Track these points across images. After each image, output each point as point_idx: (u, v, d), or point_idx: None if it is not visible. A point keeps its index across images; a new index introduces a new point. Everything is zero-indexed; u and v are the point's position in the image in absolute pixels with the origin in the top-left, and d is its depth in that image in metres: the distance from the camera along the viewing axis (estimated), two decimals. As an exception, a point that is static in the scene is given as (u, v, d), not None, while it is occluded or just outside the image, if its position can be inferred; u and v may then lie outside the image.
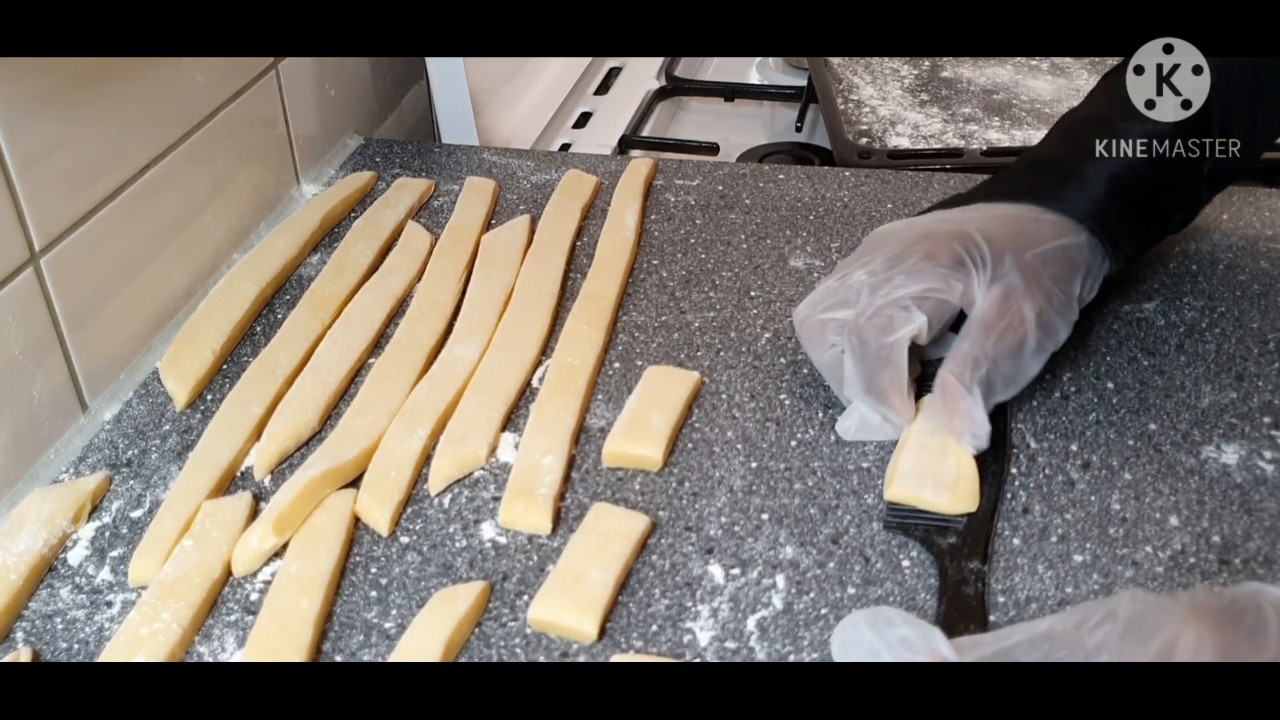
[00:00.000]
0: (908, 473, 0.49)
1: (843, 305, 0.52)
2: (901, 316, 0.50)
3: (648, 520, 0.49)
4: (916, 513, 0.48)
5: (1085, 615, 0.37)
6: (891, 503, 0.49)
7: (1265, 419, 0.54)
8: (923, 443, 0.50)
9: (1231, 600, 0.36)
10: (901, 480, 0.49)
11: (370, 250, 0.67)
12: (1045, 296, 0.51)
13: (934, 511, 0.48)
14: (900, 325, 0.50)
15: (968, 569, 0.46)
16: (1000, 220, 0.54)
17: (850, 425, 0.53)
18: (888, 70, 0.94)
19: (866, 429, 0.52)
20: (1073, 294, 0.53)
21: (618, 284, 0.64)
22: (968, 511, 0.48)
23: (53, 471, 0.53)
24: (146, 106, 0.60)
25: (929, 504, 0.48)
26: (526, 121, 0.90)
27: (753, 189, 0.74)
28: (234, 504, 0.50)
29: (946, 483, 0.49)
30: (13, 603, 0.46)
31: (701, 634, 0.44)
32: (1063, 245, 0.53)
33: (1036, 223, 0.54)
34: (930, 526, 0.48)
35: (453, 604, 0.45)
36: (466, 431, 0.53)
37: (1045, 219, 0.54)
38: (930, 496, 0.48)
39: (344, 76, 0.80)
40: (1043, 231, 0.53)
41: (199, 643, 0.45)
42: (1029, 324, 0.51)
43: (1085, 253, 0.54)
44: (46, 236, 0.53)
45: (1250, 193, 0.71)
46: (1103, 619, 0.36)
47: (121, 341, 0.59)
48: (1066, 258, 0.53)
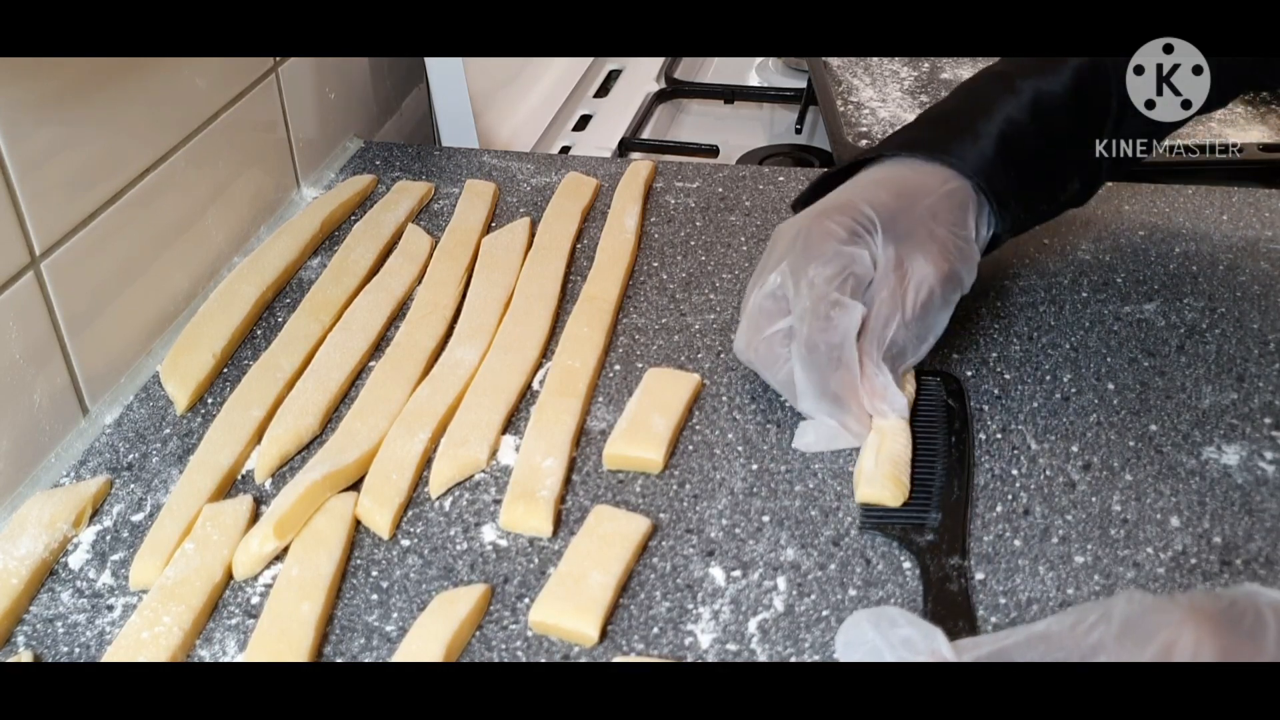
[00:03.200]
0: (871, 473, 0.49)
1: (778, 315, 0.52)
2: (838, 311, 0.50)
3: (648, 522, 0.49)
4: (889, 512, 0.49)
5: (1081, 616, 0.37)
6: (864, 504, 0.49)
7: (1266, 420, 0.54)
8: (870, 442, 0.51)
9: (1230, 603, 0.36)
10: (867, 482, 0.49)
11: (370, 253, 0.67)
12: (939, 247, 0.52)
13: (905, 510, 0.48)
14: (840, 320, 0.50)
15: (949, 565, 0.46)
16: (883, 184, 0.54)
17: (809, 438, 0.52)
18: (887, 72, 0.94)
19: (825, 439, 0.52)
20: (968, 235, 0.53)
21: (618, 286, 0.64)
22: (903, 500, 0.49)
23: (53, 475, 0.53)
24: (147, 110, 0.60)
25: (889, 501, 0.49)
26: (526, 124, 0.90)
27: (753, 191, 0.74)
28: (235, 507, 0.50)
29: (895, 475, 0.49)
30: (14, 606, 0.46)
31: (703, 636, 0.44)
32: (947, 191, 0.53)
33: (919, 174, 0.54)
34: (906, 525, 0.48)
35: (454, 607, 0.45)
36: (467, 434, 0.53)
37: (929, 169, 0.54)
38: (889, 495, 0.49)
39: (344, 80, 0.80)
40: (927, 183, 0.53)
41: (200, 646, 0.45)
42: (927, 279, 0.51)
43: (972, 193, 0.54)
44: (47, 240, 0.53)
45: (1250, 193, 0.71)
46: (1099, 620, 0.36)
47: (122, 345, 0.59)
48: (954, 201, 0.53)
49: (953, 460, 0.51)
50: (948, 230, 0.52)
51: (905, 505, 0.49)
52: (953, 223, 0.53)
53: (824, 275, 0.51)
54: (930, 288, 0.51)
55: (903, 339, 0.51)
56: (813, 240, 0.52)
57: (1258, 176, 0.76)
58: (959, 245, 0.52)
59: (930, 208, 0.53)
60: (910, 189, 0.53)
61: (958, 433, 0.52)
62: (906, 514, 0.48)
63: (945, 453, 0.51)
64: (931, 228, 0.52)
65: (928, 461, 0.51)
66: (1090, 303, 0.62)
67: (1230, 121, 0.84)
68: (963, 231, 0.53)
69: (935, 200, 0.53)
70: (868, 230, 0.52)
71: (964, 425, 0.53)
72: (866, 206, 0.52)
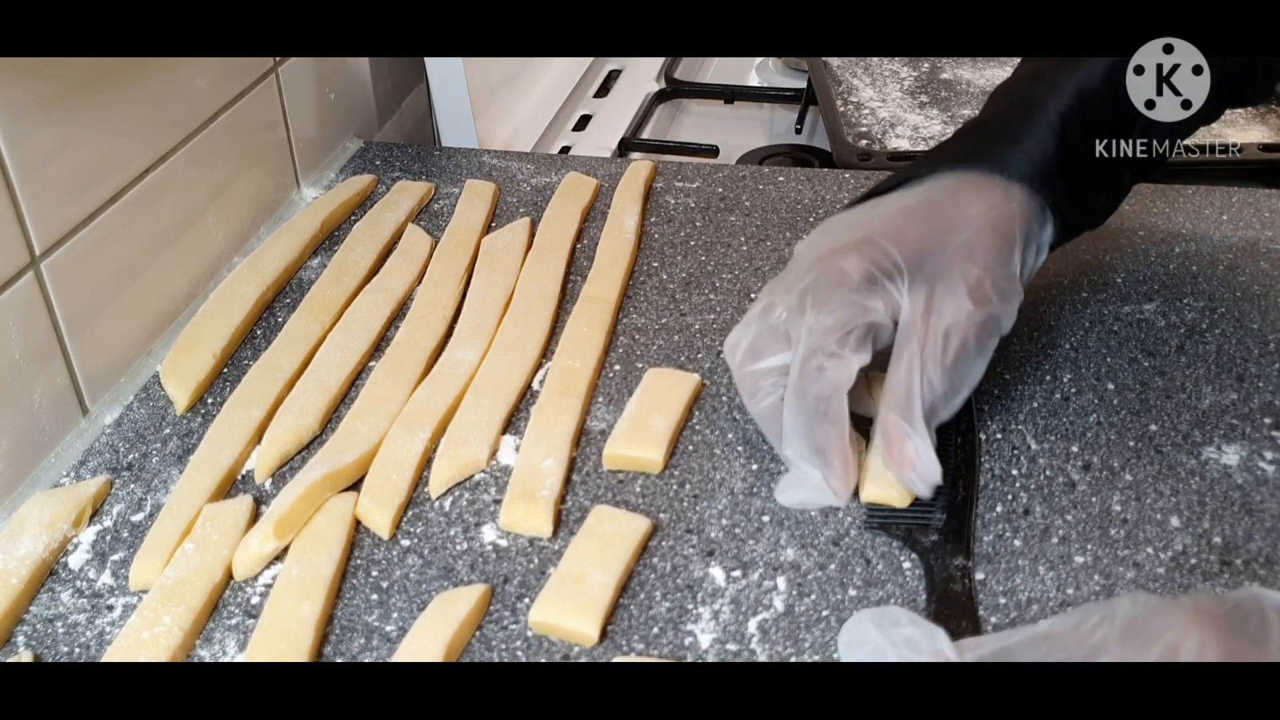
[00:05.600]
0: (878, 473, 0.49)
1: (776, 349, 0.49)
2: (832, 363, 0.47)
3: (648, 523, 0.49)
4: (895, 512, 0.49)
5: (1084, 616, 0.37)
6: (869, 504, 0.49)
7: (1266, 420, 0.54)
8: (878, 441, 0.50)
9: (1235, 605, 0.36)
10: (874, 480, 0.49)
11: (370, 253, 0.67)
12: (975, 290, 0.47)
13: (910, 509, 0.48)
14: (832, 373, 0.47)
15: (953, 566, 0.46)
16: (914, 215, 0.49)
17: (792, 494, 0.49)
18: (887, 72, 0.94)
19: (807, 490, 0.49)
20: (1012, 272, 0.49)
21: (618, 286, 0.64)
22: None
23: (53, 475, 0.53)
24: (146, 111, 0.60)
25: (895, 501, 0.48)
26: (526, 124, 0.90)
27: (753, 191, 0.74)
28: (235, 507, 0.50)
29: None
30: (14, 607, 0.46)
31: (703, 636, 0.44)
32: (989, 223, 0.48)
33: (959, 199, 0.49)
34: (912, 525, 0.48)
35: (454, 607, 0.45)
36: (467, 434, 0.53)
37: (971, 190, 0.49)
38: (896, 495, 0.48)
39: (344, 80, 0.80)
40: (967, 213, 0.49)
41: (200, 646, 0.45)
42: (959, 327, 0.47)
43: (1020, 220, 0.49)
44: (47, 240, 0.53)
45: (1250, 193, 0.71)
46: (1101, 620, 0.36)
47: (122, 345, 0.59)
48: (995, 235, 0.48)
49: (959, 461, 0.51)
50: (985, 269, 0.48)
51: (911, 506, 0.49)
52: (993, 260, 0.48)
53: (824, 326, 0.47)
54: (963, 337, 0.47)
55: (930, 396, 0.47)
56: (822, 283, 0.48)
57: (1258, 176, 0.76)
58: (998, 286, 0.48)
59: (967, 244, 0.48)
60: (945, 221, 0.48)
61: (963, 433, 0.52)
62: (912, 514, 0.48)
63: (951, 453, 0.51)
64: (966, 267, 0.47)
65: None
66: (1090, 303, 0.62)
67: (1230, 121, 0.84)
68: (1005, 269, 0.48)
69: (974, 234, 0.48)
70: (889, 274, 0.47)
71: (970, 427, 0.52)
72: (892, 246, 0.48)
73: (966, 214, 0.49)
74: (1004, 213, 0.49)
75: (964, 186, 0.50)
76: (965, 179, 0.50)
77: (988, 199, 0.49)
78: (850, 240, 0.49)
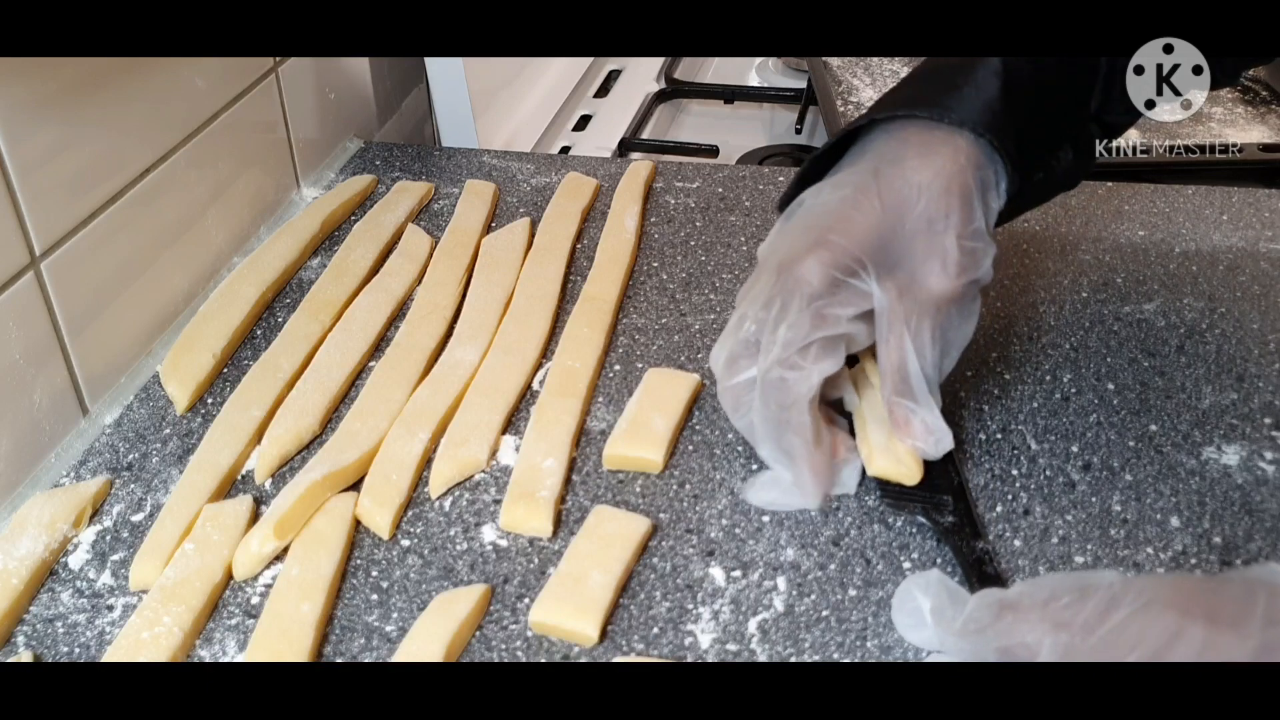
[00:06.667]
0: (883, 446, 0.49)
1: (748, 363, 0.49)
2: (793, 374, 0.47)
3: (649, 523, 0.49)
4: (906, 490, 0.48)
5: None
6: (879, 480, 0.49)
7: (1266, 420, 0.54)
8: (881, 415, 0.49)
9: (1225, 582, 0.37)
10: (882, 454, 0.48)
11: (370, 253, 0.67)
12: (944, 263, 0.47)
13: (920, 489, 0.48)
14: (793, 384, 0.47)
15: (979, 549, 0.46)
16: (860, 203, 0.48)
17: (763, 493, 0.50)
18: (887, 73, 0.94)
19: (778, 491, 0.49)
20: (977, 228, 0.48)
21: (618, 287, 0.64)
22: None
23: (53, 476, 0.53)
24: (147, 111, 0.60)
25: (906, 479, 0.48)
26: (526, 124, 0.90)
27: (753, 191, 0.74)
28: (235, 507, 0.50)
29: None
30: (14, 607, 0.46)
31: (703, 636, 0.44)
32: (942, 188, 0.47)
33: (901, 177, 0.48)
34: (927, 504, 0.48)
35: (454, 607, 0.45)
36: (467, 434, 0.53)
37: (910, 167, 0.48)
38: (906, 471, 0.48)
39: (344, 80, 0.80)
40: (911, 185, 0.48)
41: (200, 646, 0.45)
42: (940, 300, 0.47)
43: (973, 170, 0.48)
44: (47, 241, 0.53)
45: (1250, 193, 0.71)
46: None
47: (122, 345, 0.59)
48: (951, 197, 0.47)
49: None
50: (951, 236, 0.47)
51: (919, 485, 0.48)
52: (955, 221, 0.47)
53: (784, 339, 0.47)
54: (945, 308, 0.47)
55: (926, 368, 0.47)
56: (782, 294, 0.47)
57: (1258, 176, 0.76)
58: (967, 248, 0.47)
59: (925, 215, 0.47)
60: (897, 198, 0.47)
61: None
62: (923, 493, 0.48)
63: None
64: (929, 241, 0.47)
65: None
66: (1090, 303, 0.62)
67: (1230, 121, 0.84)
68: (969, 227, 0.47)
69: (928, 203, 0.47)
70: (851, 272, 0.47)
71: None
72: (849, 241, 0.47)
73: (915, 183, 0.48)
74: (953, 169, 0.48)
75: (908, 150, 0.49)
76: (908, 138, 0.49)
77: (934, 160, 0.48)
78: (805, 244, 0.48)
